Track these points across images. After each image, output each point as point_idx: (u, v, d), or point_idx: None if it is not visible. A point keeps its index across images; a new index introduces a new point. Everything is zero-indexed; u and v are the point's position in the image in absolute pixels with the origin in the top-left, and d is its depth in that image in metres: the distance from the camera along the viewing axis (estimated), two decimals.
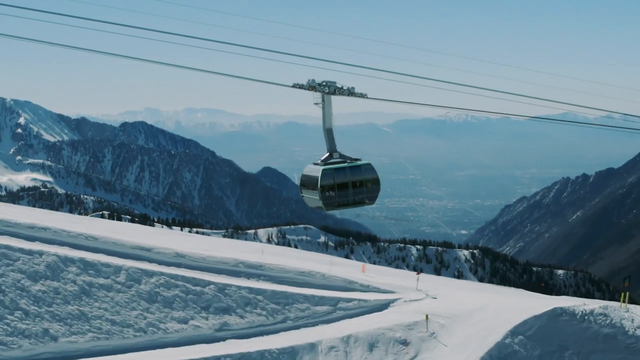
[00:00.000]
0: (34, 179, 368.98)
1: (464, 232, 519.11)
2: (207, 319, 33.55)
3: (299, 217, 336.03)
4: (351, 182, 29.84)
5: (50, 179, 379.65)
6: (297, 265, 40.04)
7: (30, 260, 31.67)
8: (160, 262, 35.23)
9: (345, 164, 30.19)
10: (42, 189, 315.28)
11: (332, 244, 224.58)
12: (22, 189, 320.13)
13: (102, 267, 33.05)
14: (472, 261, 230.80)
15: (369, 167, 30.43)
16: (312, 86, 29.05)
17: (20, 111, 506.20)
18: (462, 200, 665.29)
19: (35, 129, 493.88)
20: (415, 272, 47.78)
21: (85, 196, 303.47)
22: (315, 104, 29.84)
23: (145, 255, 35.45)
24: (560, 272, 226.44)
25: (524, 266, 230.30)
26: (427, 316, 38.32)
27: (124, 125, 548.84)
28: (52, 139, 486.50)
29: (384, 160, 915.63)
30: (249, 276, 37.05)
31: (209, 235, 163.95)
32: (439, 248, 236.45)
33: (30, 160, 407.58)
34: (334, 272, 40.82)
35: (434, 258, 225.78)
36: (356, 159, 30.73)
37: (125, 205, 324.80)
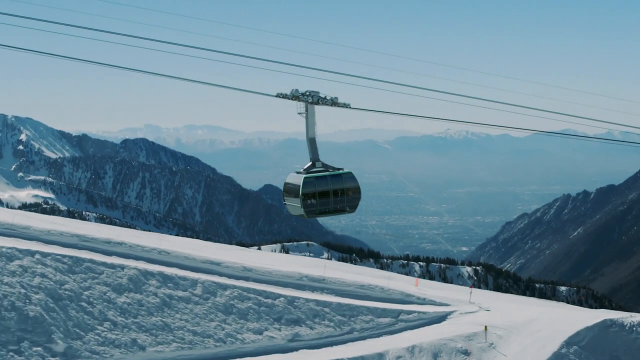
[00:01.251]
0: (36, 196, 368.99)
1: (464, 249, 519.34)
2: (279, 329, 34.54)
3: (300, 234, 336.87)
4: (332, 191, 30.47)
5: (51, 195, 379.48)
6: (357, 279, 41.07)
7: (114, 273, 32.68)
8: (229, 276, 36.23)
9: (327, 173, 30.85)
10: (44, 206, 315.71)
11: (335, 261, 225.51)
12: (24, 205, 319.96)
13: (179, 280, 34.08)
14: (475, 278, 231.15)
15: (350, 176, 31.15)
16: (295, 96, 29.89)
17: (21, 128, 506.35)
18: (463, 217, 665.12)
19: (37, 146, 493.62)
20: (469, 287, 48.85)
21: (87, 213, 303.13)
22: (299, 113, 30.70)
23: (216, 269, 36.47)
24: (563, 288, 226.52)
25: (526, 283, 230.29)
26: (485, 327, 39.35)
27: (125, 142, 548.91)
28: (53, 156, 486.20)
29: (384, 178, 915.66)
30: (313, 289, 38.06)
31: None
32: (442, 265, 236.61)
33: (32, 177, 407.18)
34: (391, 285, 41.83)
35: (437, 275, 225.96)
36: (338, 169, 31.65)
37: (127, 221, 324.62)
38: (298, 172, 30.92)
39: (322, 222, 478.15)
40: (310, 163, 31.09)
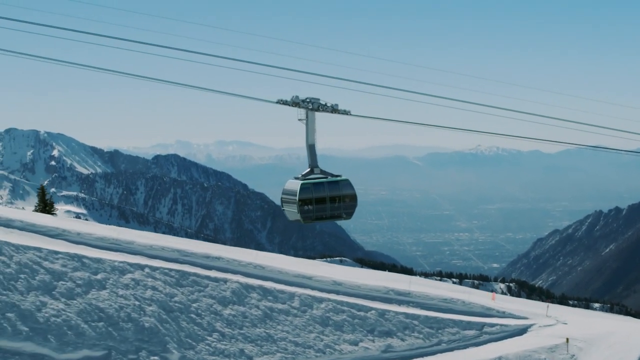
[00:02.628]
0: (68, 212, 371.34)
1: (495, 265, 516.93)
2: (373, 341, 35.69)
3: (332, 250, 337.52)
4: (329, 197, 31.44)
5: (84, 211, 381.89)
6: (439, 293, 42.21)
7: (218, 287, 34.02)
8: (321, 289, 37.43)
9: (324, 179, 31.75)
10: None
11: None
12: None
13: (278, 293, 35.36)
14: (509, 294, 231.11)
15: (347, 183, 32.07)
16: (295, 102, 30.72)
17: (54, 144, 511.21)
18: (494, 233, 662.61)
19: (69, 162, 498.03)
20: (546, 301, 49.82)
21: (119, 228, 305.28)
22: (299, 120, 31.53)
23: (308, 283, 37.70)
24: (596, 305, 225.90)
25: (559, 299, 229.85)
26: (567, 340, 40.31)
27: (157, 157, 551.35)
28: (85, 171, 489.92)
29: (416, 195, 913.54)
30: (400, 303, 39.19)
31: None
32: (475, 281, 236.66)
33: (64, 193, 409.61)
34: (472, 299, 42.92)
35: None
36: (336, 176, 32.37)
37: None
38: (296, 178, 31.77)
39: (353, 238, 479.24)
40: (308, 169, 31.92)
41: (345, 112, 31.92)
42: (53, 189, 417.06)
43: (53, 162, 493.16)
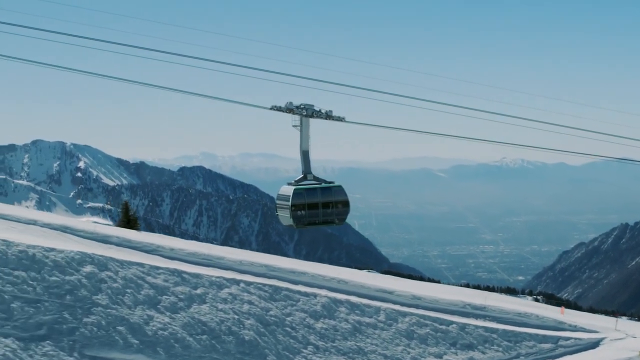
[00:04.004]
0: (94, 223, 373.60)
1: (521, 278, 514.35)
2: (456, 354, 36.60)
3: (357, 262, 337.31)
4: (321, 203, 31.91)
5: (110, 222, 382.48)
6: (513, 307, 43.10)
7: (308, 301, 35.07)
8: (402, 304, 38.40)
9: (317, 185, 32.22)
10: None
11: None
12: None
13: (364, 307, 36.38)
14: None
15: (339, 190, 32.55)
16: (289, 109, 31.30)
17: (80, 155, 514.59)
18: (519, 246, 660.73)
19: (95, 173, 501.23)
20: (616, 315, 50.49)
21: None
22: (294, 126, 32.12)
23: (389, 298, 38.69)
24: (624, 318, 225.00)
25: (587, 312, 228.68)
26: (639, 353, 41.14)
27: (182, 169, 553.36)
28: (111, 183, 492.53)
29: (443, 209, 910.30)
30: (476, 317, 40.09)
31: None
32: (502, 294, 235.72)
33: (91, 204, 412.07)
34: (544, 313, 43.78)
35: None
36: (330, 182, 33.02)
37: None
38: (289, 184, 32.49)
39: (379, 250, 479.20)
40: (302, 175, 32.44)
41: (340, 119, 32.63)
42: (79, 201, 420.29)
43: (79, 174, 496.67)
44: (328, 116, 31.80)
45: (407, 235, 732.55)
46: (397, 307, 37.73)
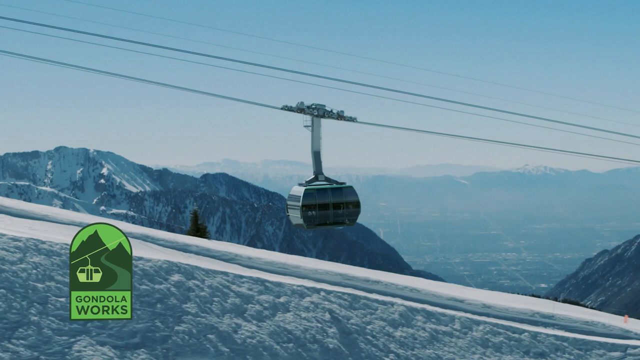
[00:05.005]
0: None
1: (543, 285, 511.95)
2: None
3: (379, 268, 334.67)
4: (332, 204, 32.36)
5: None
6: (580, 316, 43.12)
7: (386, 309, 35.34)
8: (473, 312, 38.58)
9: (328, 186, 32.82)
10: None
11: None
12: None
13: (439, 316, 36.59)
14: None
15: (350, 190, 33.02)
16: (300, 109, 31.38)
17: (103, 162, 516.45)
18: (541, 253, 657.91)
19: (118, 180, 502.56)
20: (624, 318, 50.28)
21: None
22: (305, 126, 32.11)
23: (461, 306, 38.86)
24: None
25: None
26: None
27: (205, 176, 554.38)
28: (134, 190, 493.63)
29: (466, 217, 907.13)
30: (545, 325, 40.18)
31: None
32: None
33: (114, 211, 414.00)
34: (610, 321, 43.76)
35: None
36: (341, 183, 33.18)
37: None
38: (301, 184, 32.80)
39: (401, 257, 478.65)
40: (313, 176, 33.15)
41: (352, 119, 32.77)
42: (103, 207, 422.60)
43: (102, 180, 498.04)
44: (339, 116, 32.05)
45: (430, 243, 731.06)
46: (469, 315, 37.91)
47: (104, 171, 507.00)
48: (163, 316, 29.30)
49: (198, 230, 47.32)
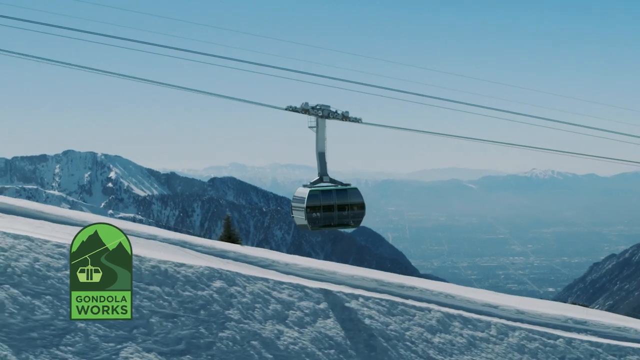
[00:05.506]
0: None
1: (551, 289, 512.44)
2: None
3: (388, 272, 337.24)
4: (337, 205, 32.35)
5: None
6: (612, 322, 43.07)
7: (424, 315, 35.40)
8: (508, 318, 38.60)
9: (332, 187, 32.83)
10: None
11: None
12: None
13: (476, 322, 36.62)
14: None
15: (355, 192, 33.02)
16: (305, 109, 31.35)
17: (110, 166, 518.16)
18: (549, 257, 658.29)
19: (126, 184, 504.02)
20: None
21: None
22: (310, 127, 32.06)
23: (495, 312, 38.85)
24: None
25: None
26: None
27: (213, 180, 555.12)
28: (142, 194, 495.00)
29: (473, 220, 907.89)
30: (579, 331, 40.16)
31: None
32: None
33: (122, 214, 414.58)
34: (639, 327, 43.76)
35: None
36: (346, 184, 33.12)
37: None
38: (305, 186, 32.79)
39: (409, 259, 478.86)
40: (318, 177, 33.28)
41: (356, 120, 32.78)
42: (110, 211, 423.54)
43: (110, 184, 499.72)
44: (344, 117, 32.11)
45: (438, 247, 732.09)
46: (503, 321, 37.92)
47: (112, 175, 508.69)
48: (207, 322, 29.40)
49: (230, 237, 47.50)
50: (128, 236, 23.32)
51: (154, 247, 34.17)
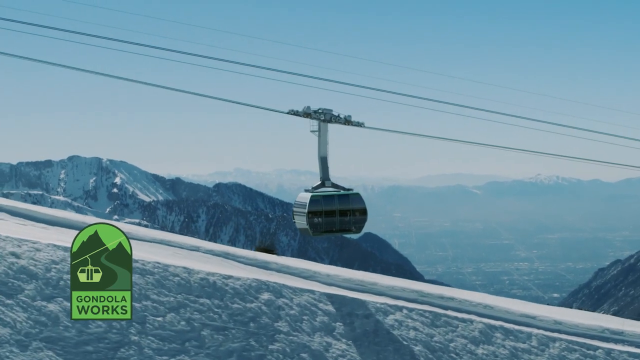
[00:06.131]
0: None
1: (556, 295, 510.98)
2: None
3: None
4: (339, 210, 32.48)
5: None
6: None
7: (466, 327, 35.42)
8: (546, 329, 38.57)
9: (334, 192, 32.82)
10: None
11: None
12: None
13: (517, 333, 36.64)
14: None
15: (357, 197, 32.94)
16: (307, 113, 31.30)
17: (116, 171, 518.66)
18: (554, 263, 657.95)
19: (131, 189, 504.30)
20: None
21: None
22: (312, 131, 32.00)
23: (534, 323, 38.80)
24: None
25: None
26: None
27: (218, 185, 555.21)
28: (147, 199, 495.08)
29: (478, 226, 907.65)
30: (616, 342, 40.14)
31: None
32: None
33: (127, 220, 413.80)
34: None
35: None
36: (348, 189, 32.99)
37: None
38: (307, 191, 32.94)
39: (414, 265, 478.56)
40: (320, 182, 33.31)
41: (359, 124, 32.70)
42: (116, 216, 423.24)
43: (115, 190, 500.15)
44: (347, 121, 32.05)
45: (442, 252, 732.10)
46: (542, 332, 37.93)
47: (117, 180, 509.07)
48: (257, 335, 29.51)
49: (266, 248, 47.42)
50: (175, 248, 23.38)
51: (199, 258, 34.26)
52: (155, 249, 33.38)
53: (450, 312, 36.51)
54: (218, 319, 29.24)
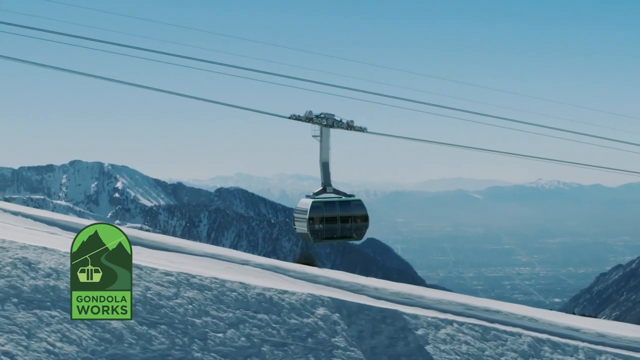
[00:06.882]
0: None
1: (557, 300, 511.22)
2: None
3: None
4: (340, 217, 32.28)
5: None
6: None
7: (515, 340, 35.40)
8: (590, 342, 38.62)
9: (335, 198, 32.48)
10: None
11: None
12: None
13: (564, 346, 36.66)
14: None
15: (358, 204, 32.59)
16: (309, 118, 31.10)
17: (117, 176, 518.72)
18: (555, 267, 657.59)
19: (133, 194, 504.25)
20: None
21: None
22: (314, 136, 31.82)
23: (578, 336, 38.79)
24: None
25: None
26: None
27: (219, 190, 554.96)
28: (148, 204, 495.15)
29: (479, 231, 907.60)
30: None
31: None
32: None
33: (129, 225, 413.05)
34: None
35: None
36: (350, 195, 32.88)
37: None
38: (308, 196, 32.67)
39: (416, 270, 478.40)
40: (321, 188, 32.86)
41: (362, 129, 32.50)
42: (117, 221, 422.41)
43: (117, 194, 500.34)
44: (349, 126, 31.76)
45: (444, 257, 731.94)
46: (587, 344, 37.98)
47: (119, 185, 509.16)
48: (315, 350, 29.53)
49: (307, 260, 47.68)
50: (229, 263, 23.40)
51: (250, 272, 34.28)
52: (207, 263, 33.45)
53: (497, 326, 36.52)
54: (277, 334, 29.28)
